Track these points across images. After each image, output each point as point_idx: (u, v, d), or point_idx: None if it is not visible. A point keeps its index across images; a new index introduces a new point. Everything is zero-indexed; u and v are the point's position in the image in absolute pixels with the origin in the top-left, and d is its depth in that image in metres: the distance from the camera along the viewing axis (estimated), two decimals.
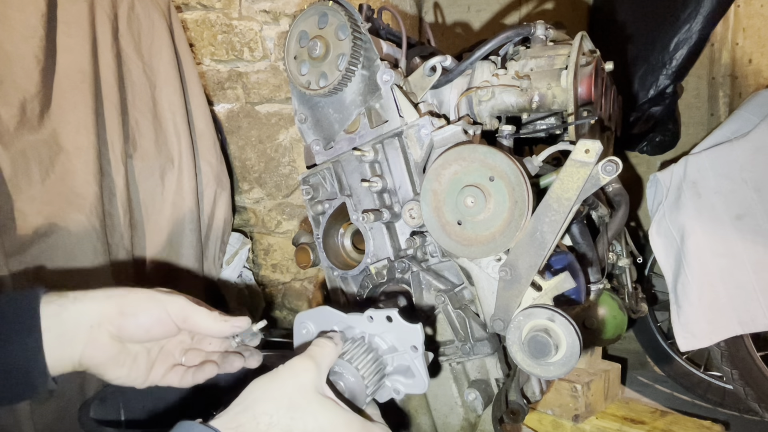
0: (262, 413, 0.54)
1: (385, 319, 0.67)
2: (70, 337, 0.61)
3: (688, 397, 1.83)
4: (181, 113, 1.69)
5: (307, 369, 0.58)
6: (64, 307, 0.61)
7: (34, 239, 1.27)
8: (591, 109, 0.99)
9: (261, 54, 1.89)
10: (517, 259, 0.84)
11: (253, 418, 0.53)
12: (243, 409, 0.54)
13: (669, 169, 1.58)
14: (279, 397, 0.55)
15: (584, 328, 1.25)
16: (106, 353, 0.63)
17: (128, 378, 0.66)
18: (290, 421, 0.54)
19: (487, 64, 1.06)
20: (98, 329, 0.62)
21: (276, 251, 2.02)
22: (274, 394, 0.55)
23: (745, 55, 1.96)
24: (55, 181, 1.33)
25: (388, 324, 0.67)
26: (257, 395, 0.55)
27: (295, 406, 0.55)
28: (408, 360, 0.68)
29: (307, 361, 0.59)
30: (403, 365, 0.69)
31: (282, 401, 0.55)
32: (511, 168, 0.83)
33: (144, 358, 0.68)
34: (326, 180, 1.09)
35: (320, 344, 0.62)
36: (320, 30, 1.00)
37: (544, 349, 0.76)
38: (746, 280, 1.43)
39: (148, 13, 1.65)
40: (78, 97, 1.41)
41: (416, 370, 0.68)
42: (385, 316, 0.67)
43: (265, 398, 0.55)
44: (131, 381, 0.67)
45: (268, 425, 0.53)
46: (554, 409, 1.51)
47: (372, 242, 1.03)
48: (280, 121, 1.94)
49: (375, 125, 1.01)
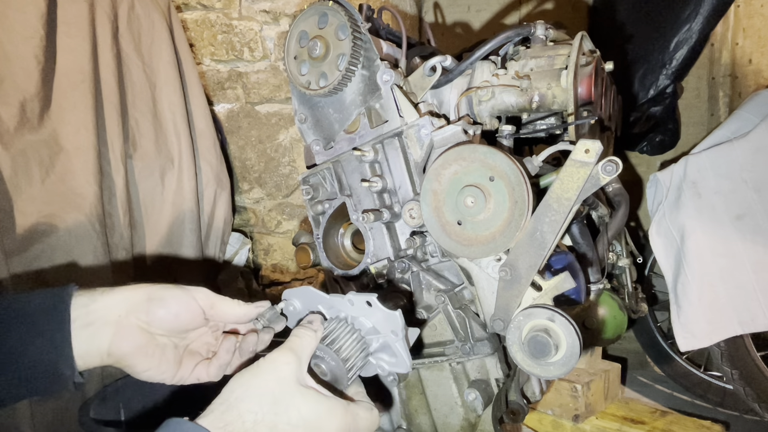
0: (247, 411, 0.54)
1: (365, 303, 0.67)
2: (99, 327, 0.62)
3: (688, 397, 1.83)
4: (181, 113, 1.69)
5: (288, 362, 0.59)
6: (93, 299, 0.62)
7: (34, 239, 1.27)
8: (591, 109, 0.99)
9: (261, 54, 1.89)
10: (517, 259, 0.84)
11: (238, 416, 0.54)
12: (227, 408, 0.54)
13: (669, 169, 1.58)
14: (262, 393, 0.56)
15: (584, 328, 1.25)
16: (135, 343, 0.63)
17: (158, 371, 0.66)
18: (275, 417, 0.55)
19: (487, 64, 1.06)
20: (126, 318, 0.63)
21: (276, 251, 2.02)
22: (256, 391, 0.56)
23: (745, 55, 1.96)
24: (55, 181, 1.33)
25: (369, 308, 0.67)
26: (239, 393, 0.55)
27: (278, 401, 0.56)
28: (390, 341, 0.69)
29: (286, 354, 0.59)
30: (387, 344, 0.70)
31: (265, 397, 0.55)
32: (511, 168, 0.83)
33: (172, 351, 0.68)
34: (326, 180, 1.09)
35: (299, 334, 0.63)
36: (320, 30, 1.00)
37: (544, 349, 0.76)
38: (746, 280, 1.43)
39: (148, 13, 1.65)
40: (78, 97, 1.41)
41: (398, 352, 0.69)
42: (365, 300, 0.67)
43: (249, 395, 0.55)
44: (161, 374, 0.67)
45: (254, 423, 0.54)
46: (554, 409, 1.51)
47: (372, 242, 1.03)
48: (280, 121, 1.94)
49: (375, 125, 1.01)
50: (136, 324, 0.63)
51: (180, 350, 0.69)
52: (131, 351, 0.63)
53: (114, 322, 0.62)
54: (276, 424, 0.55)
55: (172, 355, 0.68)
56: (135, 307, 0.63)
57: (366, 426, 0.62)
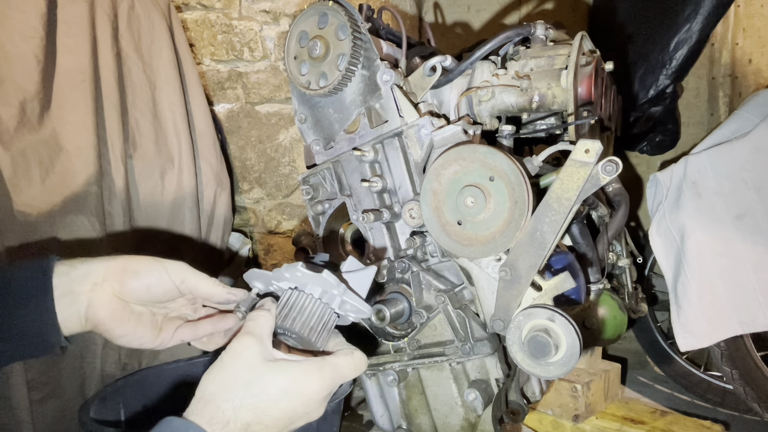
0: (224, 401, 0.55)
1: (297, 272, 0.68)
2: (76, 294, 0.63)
3: (688, 397, 1.83)
4: (181, 113, 1.69)
5: (248, 345, 0.60)
6: (73, 267, 0.65)
7: (35, 239, 1.27)
8: (591, 109, 0.99)
9: (261, 54, 1.89)
10: (517, 259, 0.84)
11: (217, 408, 0.55)
12: (204, 405, 0.55)
13: (669, 169, 1.58)
14: (233, 381, 0.57)
15: (584, 328, 1.25)
16: (110, 310, 0.64)
17: (135, 336, 0.67)
18: (252, 398, 0.56)
19: (487, 64, 1.06)
20: (101, 285, 0.64)
21: (276, 251, 2.02)
22: (227, 381, 0.57)
23: (745, 55, 1.96)
24: (55, 181, 1.33)
25: (305, 275, 0.68)
26: (212, 388, 0.57)
27: (250, 383, 0.57)
28: (340, 296, 0.70)
29: (245, 338, 0.60)
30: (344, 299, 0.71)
31: (237, 384, 0.57)
32: (511, 168, 0.83)
33: (149, 318, 0.69)
34: (326, 180, 1.09)
35: (253, 317, 0.64)
36: (320, 30, 1.00)
37: (544, 349, 0.76)
38: (746, 280, 1.43)
39: (148, 13, 1.65)
40: (78, 97, 1.41)
41: (350, 304, 0.70)
42: (295, 270, 0.68)
43: (221, 388, 0.56)
44: (138, 340, 0.68)
45: (234, 410, 0.55)
46: (554, 409, 1.51)
47: (372, 242, 1.03)
48: (280, 121, 1.94)
49: (375, 125, 1.01)
50: (111, 292, 0.65)
51: (158, 317, 0.70)
52: (106, 317, 0.64)
53: (89, 290, 0.64)
54: (256, 405, 0.56)
55: (149, 322, 0.69)
56: (110, 276, 0.65)
57: (349, 370, 0.64)
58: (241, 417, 0.55)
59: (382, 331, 1.04)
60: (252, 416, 0.56)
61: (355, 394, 1.76)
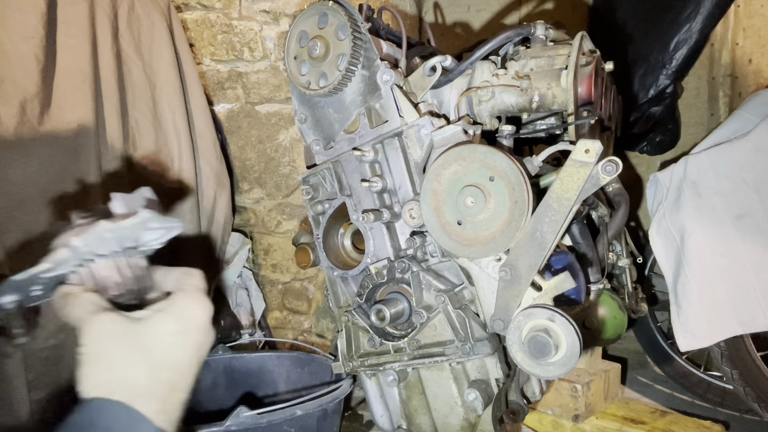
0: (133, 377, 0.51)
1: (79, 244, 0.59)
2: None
3: (688, 397, 1.83)
4: (181, 113, 1.69)
5: (108, 321, 0.54)
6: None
7: (35, 239, 1.27)
8: (591, 109, 0.99)
9: (261, 54, 1.89)
10: (517, 259, 0.84)
11: (134, 387, 0.51)
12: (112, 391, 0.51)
13: (669, 169, 1.58)
14: (124, 357, 0.52)
15: (584, 328, 1.25)
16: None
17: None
18: (156, 358, 0.53)
19: (487, 64, 1.06)
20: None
21: (276, 251, 2.02)
22: (119, 360, 0.52)
23: (745, 55, 1.96)
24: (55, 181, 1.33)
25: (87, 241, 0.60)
26: (108, 376, 0.52)
27: (142, 348, 0.53)
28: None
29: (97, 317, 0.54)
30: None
31: (131, 356, 0.52)
32: (511, 168, 0.83)
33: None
34: (326, 180, 1.09)
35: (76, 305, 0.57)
36: (320, 30, 1.00)
37: (544, 349, 0.76)
38: (746, 280, 1.43)
39: (148, 13, 1.65)
40: (78, 97, 1.41)
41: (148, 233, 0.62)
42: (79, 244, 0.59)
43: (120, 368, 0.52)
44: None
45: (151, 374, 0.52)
46: (554, 409, 1.51)
47: (372, 242, 1.03)
48: (280, 121, 1.94)
49: (375, 125, 1.01)
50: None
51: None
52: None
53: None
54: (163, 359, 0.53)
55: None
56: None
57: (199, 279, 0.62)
58: (160, 378, 0.52)
59: (382, 331, 1.04)
60: (169, 372, 0.53)
61: (355, 394, 1.76)
